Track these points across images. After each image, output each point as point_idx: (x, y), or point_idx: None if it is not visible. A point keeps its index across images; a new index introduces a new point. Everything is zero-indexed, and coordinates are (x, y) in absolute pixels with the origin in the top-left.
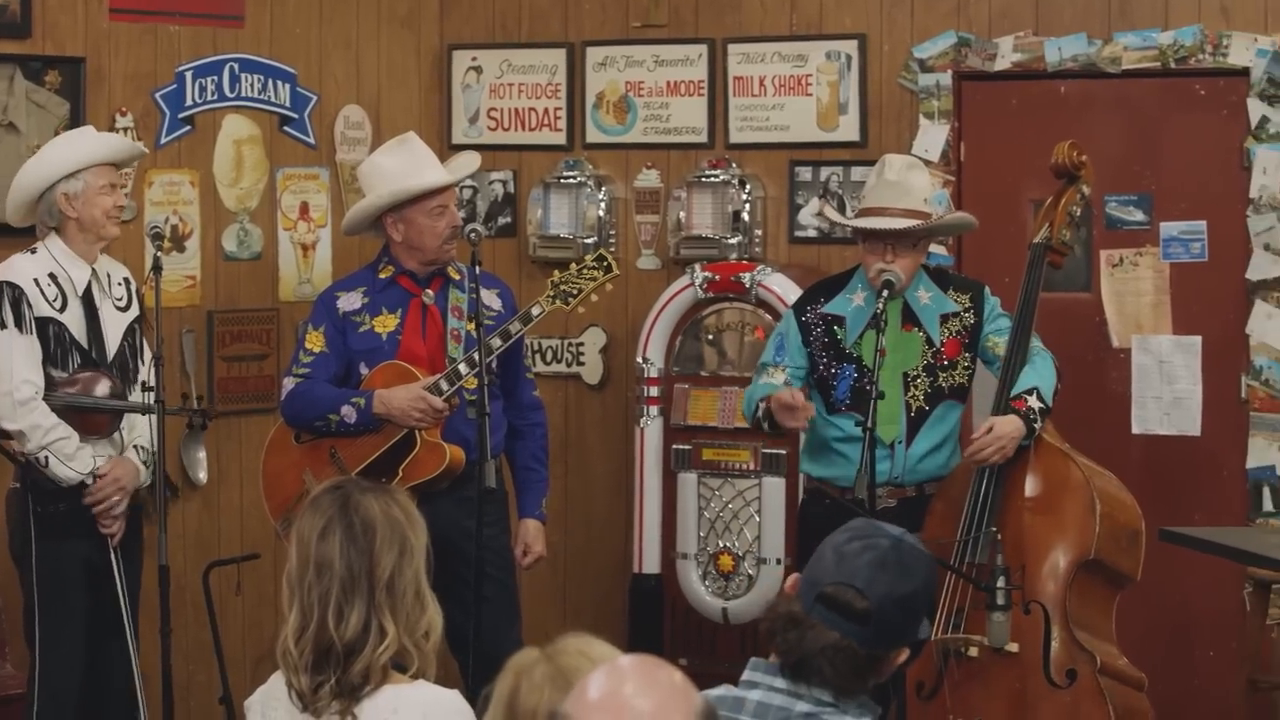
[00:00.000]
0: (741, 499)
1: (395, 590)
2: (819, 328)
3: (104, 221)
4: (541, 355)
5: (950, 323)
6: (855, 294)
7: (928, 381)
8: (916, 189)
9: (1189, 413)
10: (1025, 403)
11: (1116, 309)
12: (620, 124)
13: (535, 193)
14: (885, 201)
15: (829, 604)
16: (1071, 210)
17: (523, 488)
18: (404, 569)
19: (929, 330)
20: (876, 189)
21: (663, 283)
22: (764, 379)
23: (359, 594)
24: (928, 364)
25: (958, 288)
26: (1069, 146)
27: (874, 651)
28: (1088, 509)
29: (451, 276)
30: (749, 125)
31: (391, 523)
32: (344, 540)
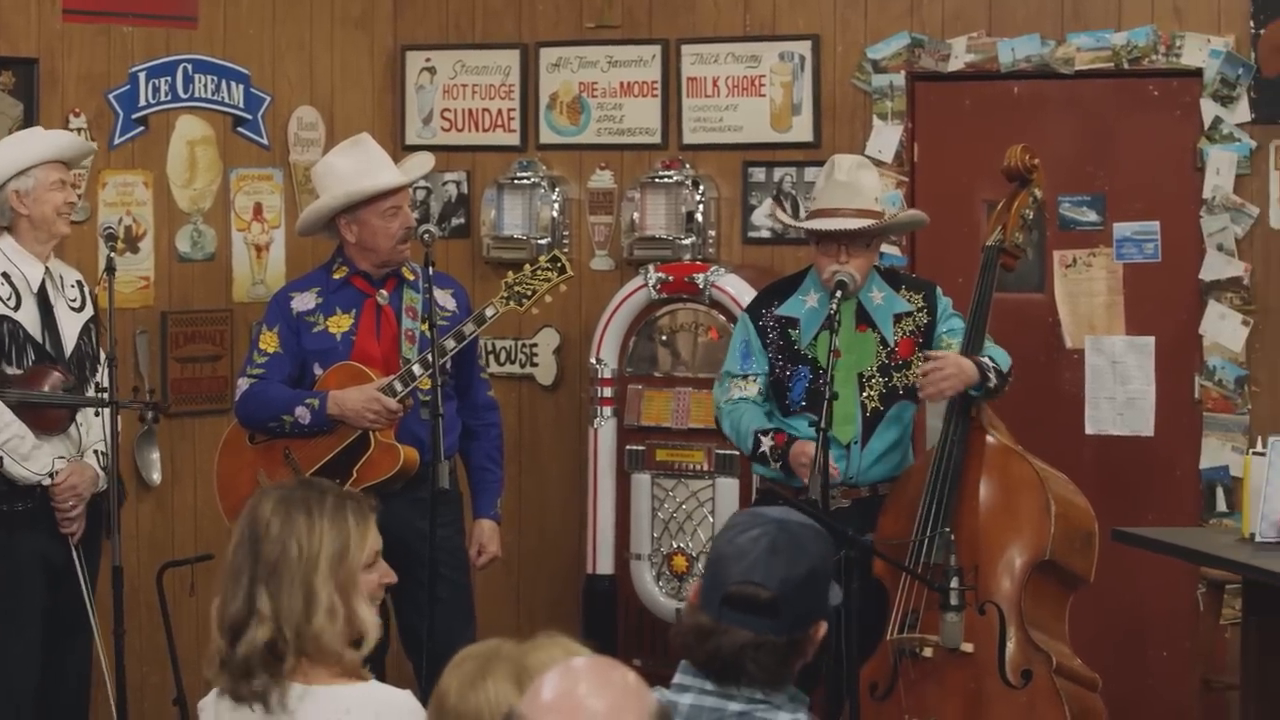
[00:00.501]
0: (695, 500)
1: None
2: (774, 330)
3: (54, 218)
4: (495, 356)
5: (904, 322)
6: (808, 295)
7: (882, 382)
8: (867, 188)
9: (1142, 413)
10: (980, 360)
11: (1070, 309)
12: (574, 125)
13: (489, 193)
14: (837, 202)
15: (735, 605)
16: (1024, 213)
17: (478, 488)
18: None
19: (883, 330)
20: (827, 190)
21: (616, 283)
22: (736, 393)
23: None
24: (882, 364)
25: (910, 287)
26: (1021, 149)
27: (792, 636)
28: (1042, 510)
29: (406, 277)
30: (702, 126)
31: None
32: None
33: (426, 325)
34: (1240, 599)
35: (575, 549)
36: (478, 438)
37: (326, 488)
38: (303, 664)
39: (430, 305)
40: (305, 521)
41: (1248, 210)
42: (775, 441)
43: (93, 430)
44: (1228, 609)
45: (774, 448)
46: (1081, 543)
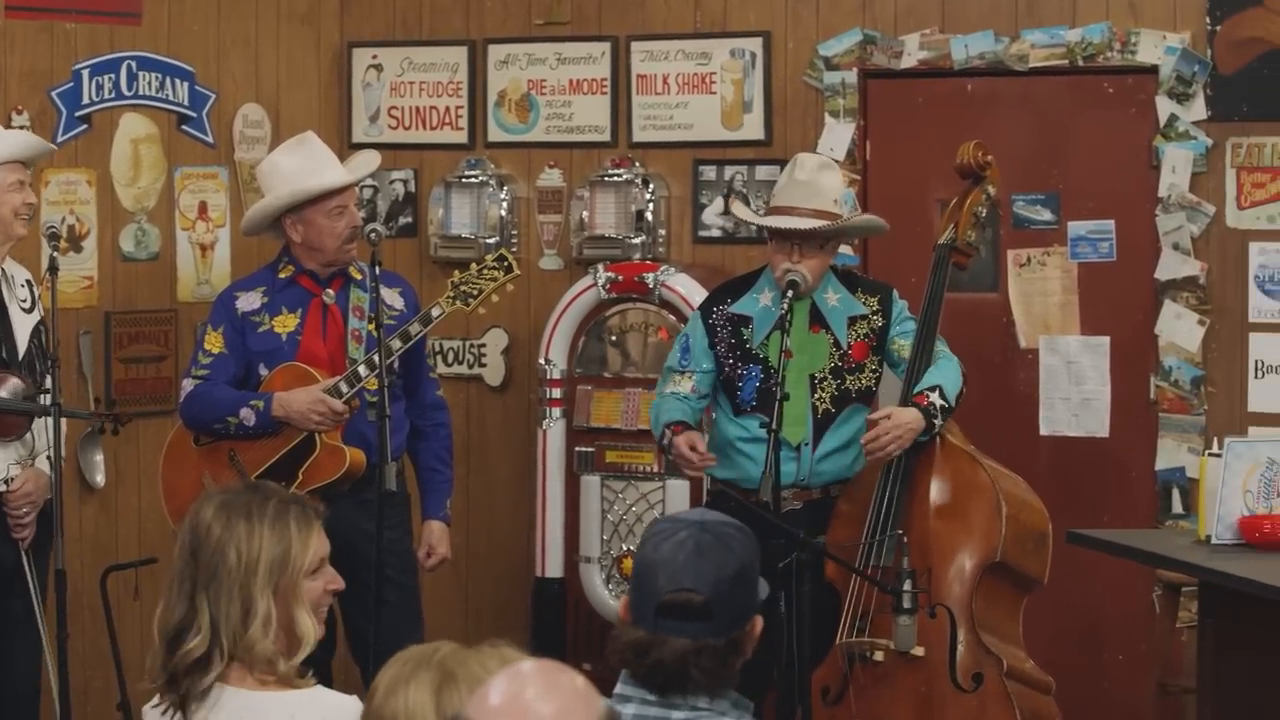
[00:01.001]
0: (645, 502)
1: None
2: (726, 328)
3: (12, 220)
4: (443, 357)
5: (858, 325)
6: (762, 294)
7: (834, 384)
8: (827, 189)
9: (1097, 414)
10: (927, 398)
11: (1024, 309)
12: (522, 123)
13: (436, 192)
14: (794, 201)
15: (669, 614)
16: (977, 211)
17: (426, 489)
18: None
19: (836, 332)
20: (786, 188)
21: (565, 283)
22: (670, 387)
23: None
24: (835, 366)
25: (866, 290)
26: (974, 146)
27: (730, 636)
28: (994, 512)
29: (353, 276)
30: (652, 124)
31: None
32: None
33: (373, 325)
34: (1196, 602)
35: (524, 551)
36: (426, 438)
37: (270, 492)
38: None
39: (377, 305)
40: (245, 527)
41: (1203, 209)
42: (672, 432)
43: (45, 435)
44: (1184, 612)
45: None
46: (1034, 544)
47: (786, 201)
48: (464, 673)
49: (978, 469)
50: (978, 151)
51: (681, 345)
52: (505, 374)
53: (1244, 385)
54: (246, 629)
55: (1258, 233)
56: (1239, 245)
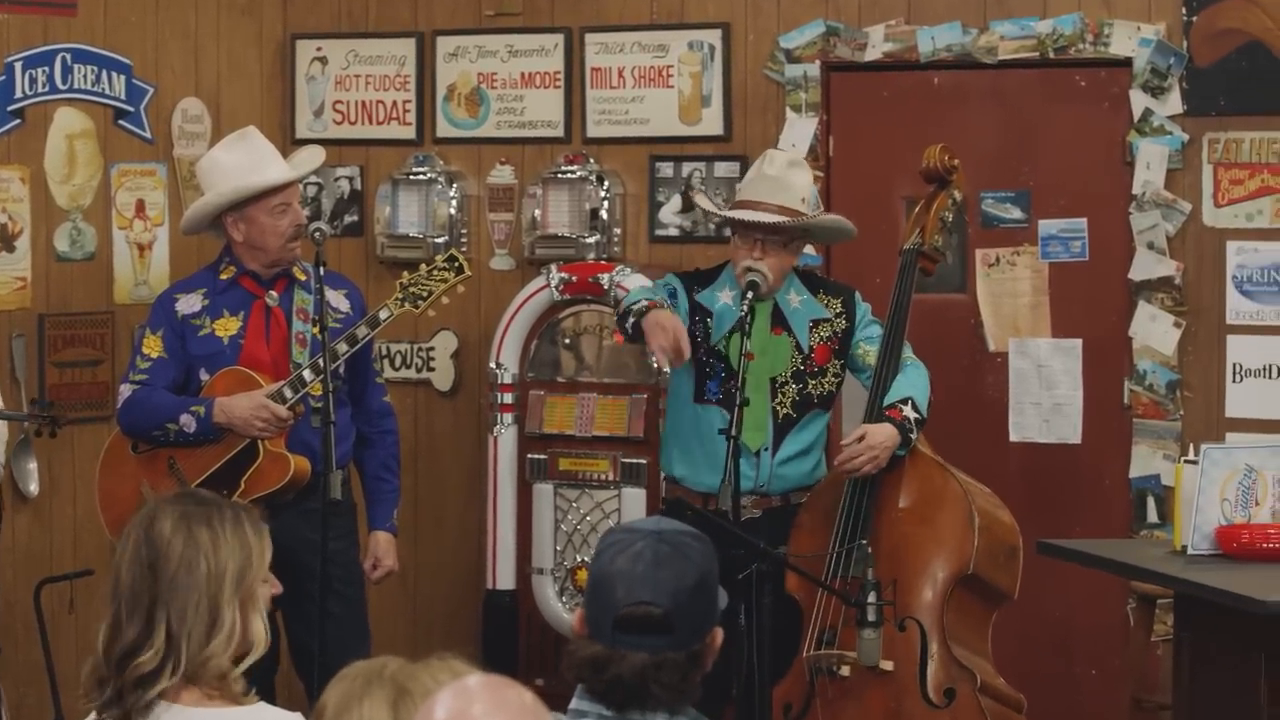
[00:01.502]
0: (600, 511)
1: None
2: (697, 310)
3: None
4: (390, 360)
5: (820, 328)
6: (723, 291)
7: (796, 388)
8: (796, 187)
9: (1069, 419)
10: (900, 412)
11: (993, 311)
12: (472, 117)
13: (383, 189)
14: (761, 196)
15: (628, 627)
16: (943, 215)
17: (373, 498)
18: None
19: (798, 335)
20: (754, 182)
21: (517, 284)
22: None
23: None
24: (796, 370)
25: (829, 292)
26: (940, 150)
27: (691, 650)
28: (965, 523)
29: (296, 277)
30: (607, 119)
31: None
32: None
33: (318, 328)
34: (1172, 614)
35: (474, 563)
36: (373, 446)
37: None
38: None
39: (322, 307)
40: (209, 537)
41: (1179, 206)
42: (647, 305)
43: None
44: (1159, 625)
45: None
46: (1005, 557)
47: (753, 196)
48: (417, 687)
49: (949, 479)
50: (944, 155)
51: (666, 289)
52: (455, 378)
53: (1221, 390)
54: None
55: (1235, 231)
56: (1216, 244)
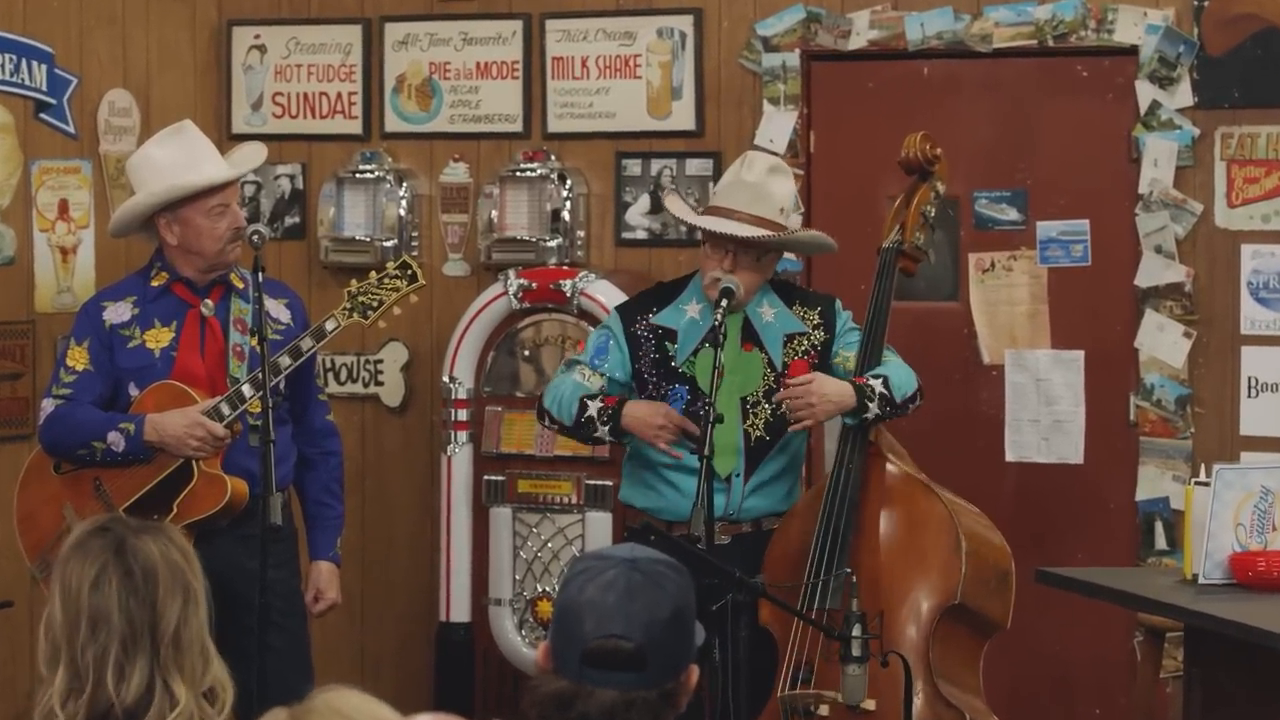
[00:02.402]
0: (562, 537)
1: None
2: (649, 341)
3: None
4: (335, 374)
5: (797, 343)
6: (690, 305)
7: (769, 409)
8: (775, 196)
9: (1070, 438)
10: (867, 380)
11: (987, 320)
12: (423, 111)
13: (327, 189)
14: (737, 203)
15: (597, 662)
16: (925, 210)
17: (314, 525)
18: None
19: (770, 351)
20: (730, 188)
21: (472, 291)
22: (575, 376)
23: (141, 651)
24: (769, 389)
25: (806, 303)
26: (920, 138)
27: (664, 688)
28: (952, 548)
29: (234, 284)
30: (570, 112)
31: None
32: (122, 590)
33: (257, 340)
34: (1181, 649)
35: (426, 593)
36: (315, 467)
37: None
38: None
39: (261, 317)
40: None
41: (1189, 207)
42: (605, 403)
43: None
44: (1168, 660)
45: (603, 409)
46: (996, 584)
47: (727, 203)
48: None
49: (934, 500)
50: (925, 144)
51: (597, 344)
52: (404, 393)
53: (1235, 405)
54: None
55: (1250, 234)
56: (1229, 248)
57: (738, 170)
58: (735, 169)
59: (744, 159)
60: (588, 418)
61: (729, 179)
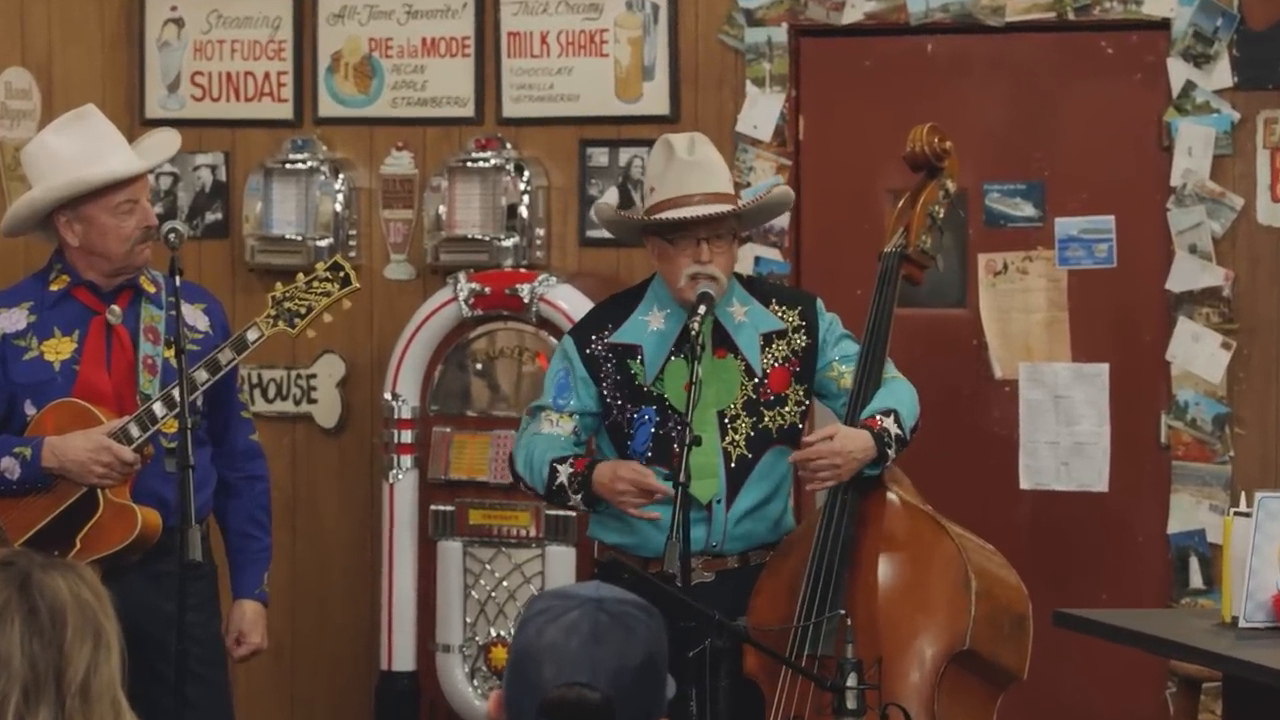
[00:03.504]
0: (520, 574)
1: (91, 696)
2: (609, 362)
3: None
4: (262, 390)
5: (775, 345)
6: (651, 314)
7: (750, 423)
8: (719, 168)
9: (1093, 462)
10: (879, 423)
11: (999, 329)
12: (362, 93)
13: (253, 181)
14: (688, 187)
15: (557, 714)
16: (933, 211)
17: (238, 559)
18: (101, 668)
19: (748, 355)
20: (671, 173)
21: (418, 297)
22: (545, 428)
23: (45, 701)
24: (749, 400)
25: (783, 301)
26: (928, 131)
27: None
28: (960, 586)
29: (145, 289)
30: (527, 95)
31: (84, 609)
32: (26, 631)
33: (173, 351)
34: (1220, 701)
35: (365, 638)
36: (238, 495)
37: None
38: None
39: (178, 325)
40: (98, 605)
41: (1228, 201)
42: (575, 468)
43: None
44: (1205, 714)
45: (573, 475)
46: (1011, 628)
47: (677, 190)
48: None
49: (940, 534)
50: (933, 137)
51: (557, 381)
52: (340, 413)
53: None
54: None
55: None
56: (1273, 247)
57: (667, 157)
58: (662, 157)
59: (665, 144)
60: (559, 485)
61: (661, 168)
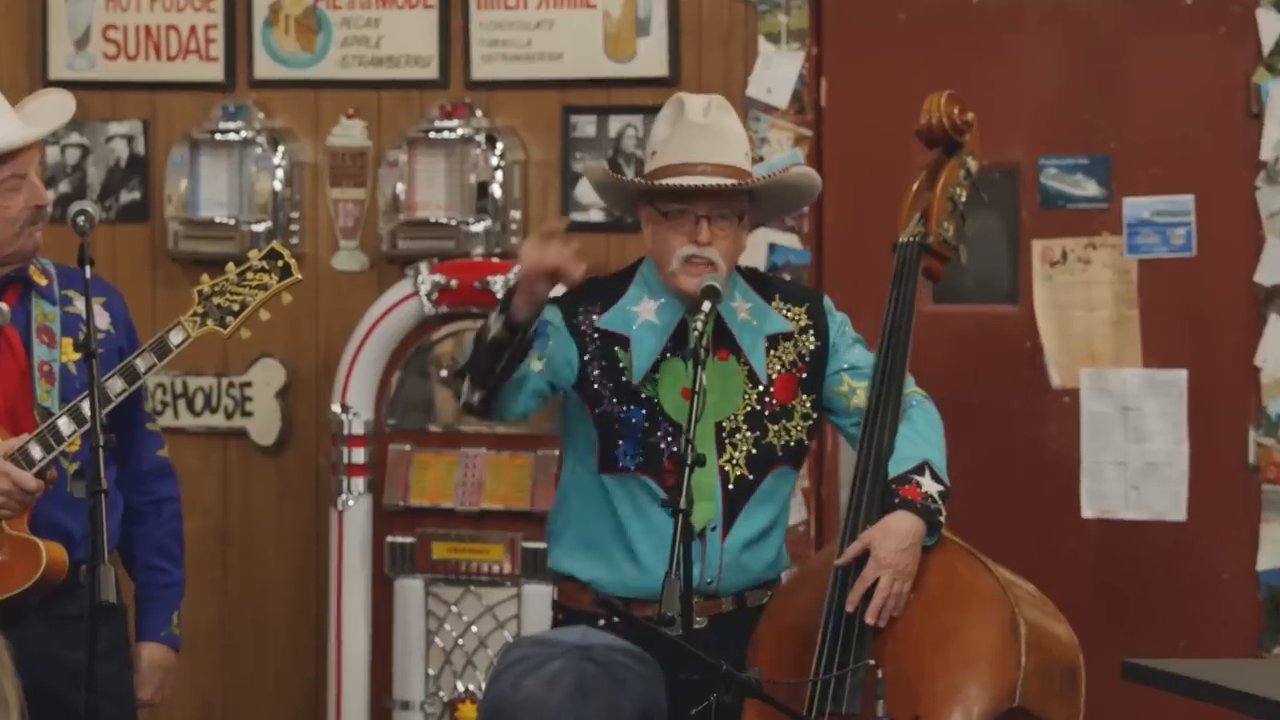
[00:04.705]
0: (492, 618)
1: None
2: (596, 343)
3: None
4: (188, 402)
5: (781, 349)
6: (641, 304)
7: (752, 438)
8: (736, 136)
9: (1168, 486)
10: (918, 487)
11: (1057, 329)
12: (306, 50)
13: (177, 155)
14: (694, 154)
15: None
16: (954, 194)
17: (143, 596)
18: None
19: (751, 359)
20: (679, 137)
21: (371, 291)
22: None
23: None
24: (752, 411)
25: (788, 298)
26: (947, 100)
27: None
28: (1007, 635)
29: (35, 281)
30: (501, 53)
31: None
32: None
33: (77, 354)
34: None
35: (309, 693)
36: (144, 521)
37: None
38: None
39: (90, 324)
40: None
41: None
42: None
43: None
44: None
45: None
46: (1062, 682)
47: (681, 157)
48: None
49: (980, 572)
50: (952, 107)
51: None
52: (280, 428)
53: None
54: None
55: None
56: None
57: (676, 116)
58: (671, 116)
59: (676, 103)
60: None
61: (665, 131)
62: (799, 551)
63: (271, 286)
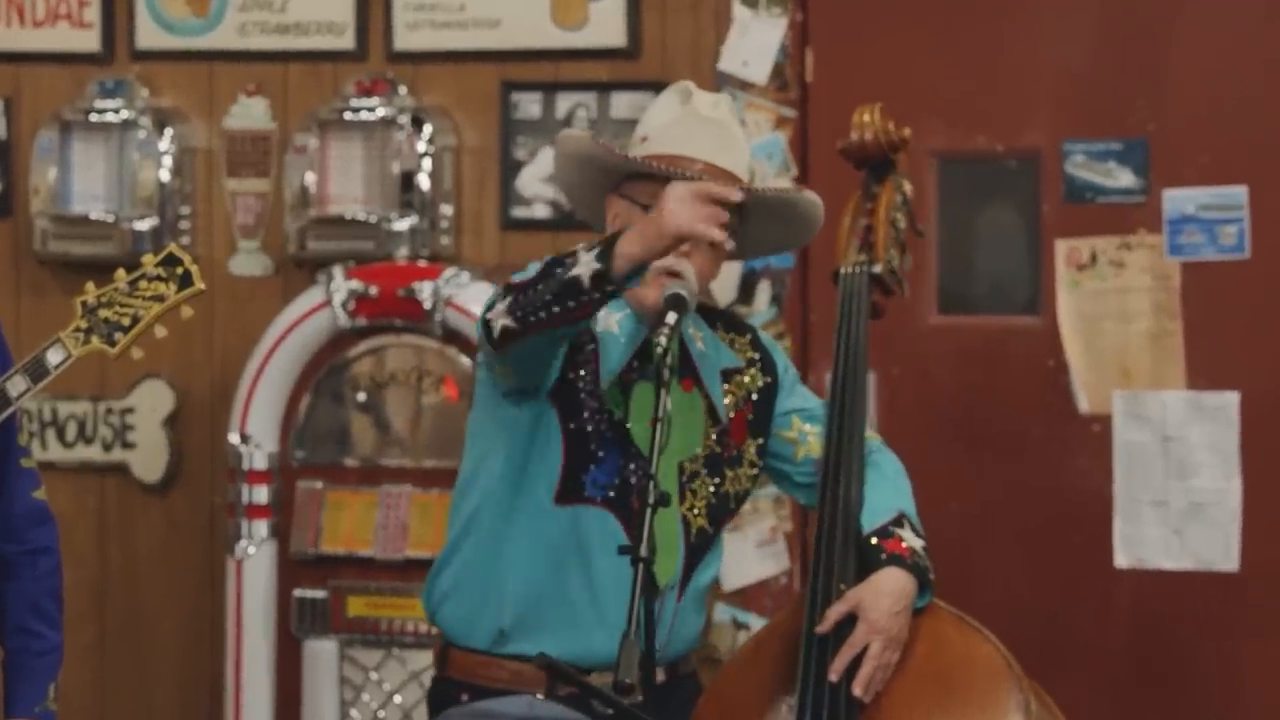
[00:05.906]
0: (418, 686)
1: None
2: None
3: None
4: (58, 431)
5: (733, 384)
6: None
7: (712, 485)
8: (743, 143)
9: (1218, 530)
10: (900, 540)
11: (1085, 345)
12: (198, 16)
13: (45, 139)
14: (694, 149)
15: None
16: (893, 217)
17: (14, 665)
18: None
19: (712, 394)
20: (681, 125)
21: (276, 299)
22: None
23: None
24: (711, 454)
25: (731, 328)
26: (878, 112)
27: None
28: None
29: None
30: (429, 20)
31: None
32: None
33: None
34: None
35: None
36: (16, 576)
37: None
38: None
39: None
40: None
41: None
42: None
43: None
44: None
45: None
46: None
47: (679, 148)
48: None
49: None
50: (887, 122)
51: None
52: (169, 461)
53: None
54: None
55: None
56: None
57: (677, 103)
58: (674, 101)
59: (679, 90)
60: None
61: (667, 116)
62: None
63: (169, 298)
